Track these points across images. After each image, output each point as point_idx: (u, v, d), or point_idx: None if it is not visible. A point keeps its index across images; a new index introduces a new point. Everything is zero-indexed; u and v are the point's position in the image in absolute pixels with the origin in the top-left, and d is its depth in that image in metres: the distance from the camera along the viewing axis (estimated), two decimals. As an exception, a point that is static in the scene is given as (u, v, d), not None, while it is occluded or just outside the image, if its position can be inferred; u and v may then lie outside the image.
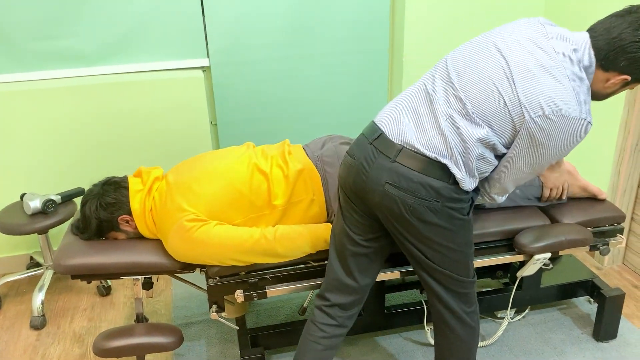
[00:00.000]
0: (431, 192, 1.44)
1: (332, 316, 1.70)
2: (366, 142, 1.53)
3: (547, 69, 1.36)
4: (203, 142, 2.71)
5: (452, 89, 1.45)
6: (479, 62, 1.44)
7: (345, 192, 1.59)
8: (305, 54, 2.70)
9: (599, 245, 1.99)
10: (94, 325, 2.36)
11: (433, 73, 1.52)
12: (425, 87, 1.50)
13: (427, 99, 1.48)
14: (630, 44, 1.35)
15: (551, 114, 1.35)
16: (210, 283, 1.80)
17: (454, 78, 1.46)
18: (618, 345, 2.15)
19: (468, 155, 1.42)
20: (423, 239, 1.51)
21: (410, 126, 1.46)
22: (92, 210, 1.83)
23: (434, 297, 1.64)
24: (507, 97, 1.38)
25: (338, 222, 1.65)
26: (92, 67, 2.53)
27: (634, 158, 2.44)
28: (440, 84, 1.48)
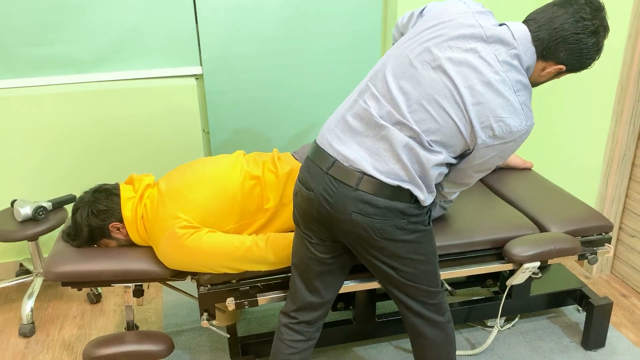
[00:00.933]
0: (397, 213, 1.45)
1: (300, 332, 1.70)
2: (321, 172, 1.47)
3: (493, 85, 1.36)
4: (195, 150, 2.71)
5: (401, 117, 1.40)
6: (425, 85, 1.39)
7: (307, 221, 1.55)
8: (298, 62, 2.72)
9: (587, 255, 2.01)
10: (83, 333, 2.35)
11: (372, 88, 1.45)
12: (369, 110, 1.43)
13: (374, 124, 1.42)
14: (572, 35, 1.36)
15: (501, 132, 1.39)
16: (201, 291, 1.80)
17: (402, 104, 1.40)
18: (606, 353, 2.17)
19: (427, 177, 1.44)
20: (394, 257, 1.51)
21: (363, 153, 1.43)
22: (83, 217, 1.83)
23: (407, 310, 1.64)
24: (460, 124, 1.38)
25: (300, 245, 1.61)
26: (85, 74, 2.53)
27: (621, 168, 2.47)
28: (387, 109, 1.42)
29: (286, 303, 1.73)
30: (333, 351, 2.21)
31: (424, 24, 1.46)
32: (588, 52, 1.39)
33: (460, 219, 2.00)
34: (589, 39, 1.37)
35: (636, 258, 2.52)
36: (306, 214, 1.53)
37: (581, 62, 1.41)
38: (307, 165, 1.52)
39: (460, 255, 1.92)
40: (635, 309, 2.44)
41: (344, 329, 2.07)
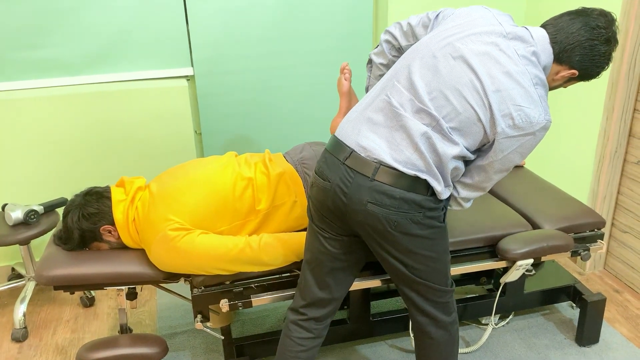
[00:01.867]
0: (413, 205, 1.45)
1: (308, 329, 1.70)
2: (337, 163, 1.48)
3: (513, 76, 1.39)
4: (187, 151, 2.70)
5: (421, 104, 1.42)
6: (445, 74, 1.42)
7: (322, 213, 1.56)
8: (290, 63, 2.71)
9: (580, 251, 2.01)
10: (77, 336, 2.34)
11: (395, 83, 1.48)
12: (389, 100, 1.46)
13: (394, 114, 1.44)
14: (587, 40, 1.43)
15: (520, 122, 1.40)
16: (194, 293, 1.79)
17: (422, 91, 1.43)
18: (600, 349, 2.18)
19: (444, 169, 1.45)
20: (406, 252, 1.51)
21: (381, 143, 1.44)
22: (74, 220, 1.81)
23: (415, 308, 1.64)
24: (480, 111, 1.40)
25: (313, 240, 1.62)
26: (75, 76, 2.52)
27: (613, 165, 2.48)
28: (407, 97, 1.44)
29: (294, 299, 1.72)
30: (328, 351, 2.20)
31: (448, 24, 1.50)
32: (600, 60, 1.45)
33: (453, 217, 2.00)
34: (602, 47, 1.44)
35: (628, 254, 2.53)
36: (322, 205, 1.53)
37: (592, 69, 1.47)
38: (325, 157, 1.54)
39: (454, 253, 1.92)
40: (628, 305, 2.45)
41: (338, 329, 2.07)
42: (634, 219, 2.47)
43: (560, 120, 2.75)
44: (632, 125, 2.42)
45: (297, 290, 1.71)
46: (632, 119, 2.42)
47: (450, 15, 1.54)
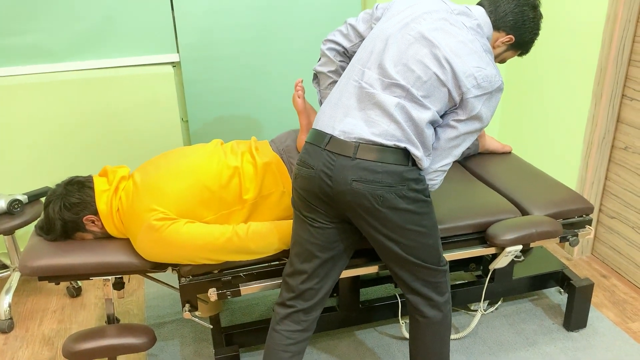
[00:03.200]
0: (396, 178, 1.48)
1: (297, 322, 1.68)
2: (318, 150, 1.52)
3: (467, 44, 1.52)
4: (174, 139, 2.66)
5: (388, 79, 1.50)
6: (406, 49, 1.51)
7: (310, 202, 1.57)
8: (278, 49, 2.68)
9: (569, 237, 2.02)
10: (64, 327, 2.31)
11: (360, 68, 1.55)
12: (359, 84, 1.53)
13: (365, 95, 1.51)
14: (516, 7, 1.61)
15: (483, 81, 1.51)
16: (182, 282, 1.78)
17: (389, 68, 1.50)
18: (587, 334, 2.19)
19: (421, 135, 1.50)
20: (396, 228, 1.53)
21: (358, 123, 1.49)
22: (55, 211, 1.78)
23: (407, 289, 1.66)
24: (442, 76, 1.49)
25: (302, 231, 1.62)
26: (59, 63, 2.46)
27: (601, 151, 2.49)
28: (374, 76, 1.51)
29: (281, 293, 1.70)
30: (318, 339, 2.20)
31: (393, 12, 1.61)
32: (530, 24, 1.63)
33: (442, 204, 1.99)
34: (530, 12, 1.62)
35: (616, 239, 2.54)
36: (308, 194, 1.55)
37: (525, 34, 1.64)
38: (306, 148, 1.57)
39: (443, 240, 1.92)
40: (615, 290, 2.47)
41: (328, 317, 2.06)
42: (621, 205, 2.48)
43: (548, 106, 2.74)
44: (621, 111, 2.42)
45: (283, 283, 1.70)
46: (620, 105, 2.42)
47: (393, 5, 1.64)
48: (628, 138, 2.40)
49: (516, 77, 2.95)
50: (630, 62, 2.34)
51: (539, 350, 2.11)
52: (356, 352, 2.13)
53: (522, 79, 2.90)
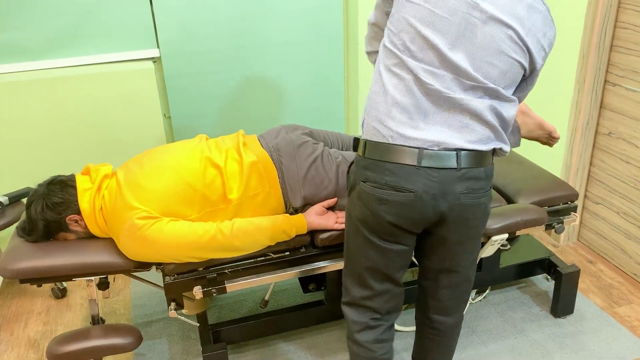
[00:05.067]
0: (491, 180, 1.42)
1: (388, 339, 1.58)
2: (412, 169, 1.32)
3: (534, 6, 1.34)
4: (157, 136, 2.63)
5: (469, 80, 1.31)
6: (483, 41, 1.30)
7: (402, 227, 1.39)
8: (259, 42, 2.65)
9: (554, 224, 2.02)
10: (49, 329, 2.28)
11: (425, 67, 1.32)
12: (432, 87, 1.31)
13: (445, 99, 1.31)
14: None
15: (548, 47, 1.40)
16: (166, 281, 1.76)
17: (466, 68, 1.30)
18: (575, 320, 2.20)
19: (508, 128, 1.42)
20: (475, 237, 1.45)
21: (448, 131, 1.33)
22: (37, 211, 1.75)
23: (449, 314, 1.58)
24: (522, 59, 1.35)
25: (378, 256, 1.44)
26: (35, 61, 2.41)
27: (585, 137, 2.49)
28: (449, 76, 1.31)
29: (358, 321, 1.54)
30: (306, 333, 2.19)
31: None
32: None
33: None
34: None
35: (601, 225, 2.56)
36: (403, 220, 1.37)
37: None
38: (385, 168, 1.34)
39: (429, 231, 1.91)
40: (601, 275, 2.48)
41: (316, 310, 2.05)
42: (606, 190, 2.49)
43: (532, 93, 2.74)
44: (603, 96, 2.43)
45: (361, 308, 1.53)
46: (603, 91, 2.42)
47: None
48: (611, 124, 2.41)
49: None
50: (612, 48, 2.34)
51: (528, 338, 2.12)
52: (345, 345, 2.12)
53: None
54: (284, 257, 1.83)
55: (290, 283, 2.47)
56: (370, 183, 1.37)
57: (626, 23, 2.25)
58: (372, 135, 1.37)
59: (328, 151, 1.87)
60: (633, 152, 2.32)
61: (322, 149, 1.87)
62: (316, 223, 1.79)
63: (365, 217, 1.40)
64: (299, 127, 1.99)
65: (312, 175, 1.82)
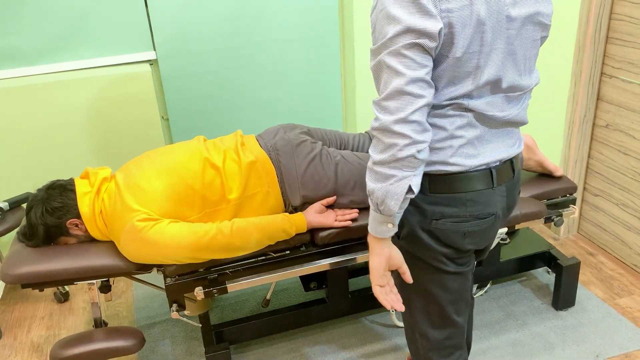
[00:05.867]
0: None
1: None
2: (488, 192, 1.26)
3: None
4: (155, 138, 2.63)
5: (520, 91, 1.25)
6: (522, 45, 1.21)
7: (479, 247, 1.35)
8: (255, 42, 2.65)
9: (553, 217, 2.03)
10: (52, 333, 2.29)
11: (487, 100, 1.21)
12: (493, 115, 1.22)
13: (493, 121, 1.24)
14: None
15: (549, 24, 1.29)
16: (168, 282, 1.76)
17: (516, 80, 1.23)
18: (576, 312, 2.21)
19: None
20: None
21: (501, 145, 1.28)
22: (37, 216, 1.76)
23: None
24: (547, 31, 1.28)
25: (457, 284, 1.37)
26: (32, 66, 2.42)
27: (583, 129, 2.50)
28: (503, 97, 1.23)
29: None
30: (308, 332, 2.20)
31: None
32: None
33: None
34: None
35: (601, 217, 2.56)
36: (483, 240, 1.32)
37: None
38: (465, 199, 1.24)
39: (428, 226, 1.92)
40: (602, 267, 2.49)
41: (318, 309, 2.06)
42: (604, 182, 2.50)
43: (529, 87, 2.75)
44: (600, 89, 2.43)
45: (442, 349, 1.44)
46: (599, 83, 2.42)
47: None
48: (609, 116, 2.41)
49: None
50: (608, 40, 2.34)
51: (529, 331, 2.13)
52: (348, 342, 2.13)
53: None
54: (285, 256, 1.83)
55: (292, 282, 2.48)
56: (467, 218, 1.26)
57: (621, 15, 2.25)
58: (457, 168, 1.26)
59: (327, 150, 1.87)
60: (631, 144, 2.32)
61: (320, 147, 1.87)
62: (316, 221, 1.79)
63: (445, 254, 1.31)
64: (297, 126, 2.00)
65: (311, 174, 1.82)
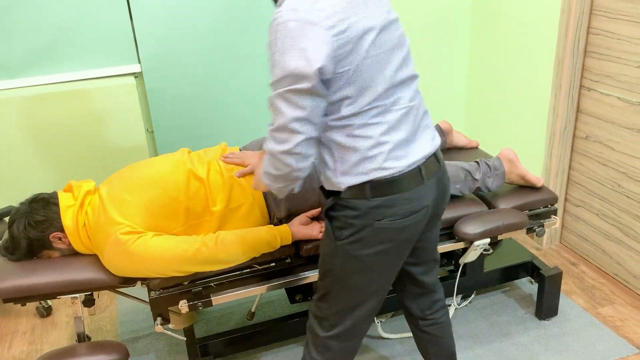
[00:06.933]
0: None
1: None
2: (422, 189, 1.39)
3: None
4: (140, 151, 2.63)
5: (405, 80, 1.38)
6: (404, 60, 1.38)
7: (414, 239, 1.46)
8: (239, 55, 2.67)
9: (535, 228, 2.05)
10: (35, 348, 2.26)
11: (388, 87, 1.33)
12: (403, 110, 1.36)
13: (409, 112, 1.38)
14: None
15: None
16: (152, 295, 1.75)
17: (395, 74, 1.35)
18: (559, 321, 2.23)
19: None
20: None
21: (422, 139, 1.41)
22: (20, 229, 1.74)
23: (437, 284, 1.69)
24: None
25: (393, 274, 1.50)
26: (14, 79, 2.41)
27: (563, 141, 2.54)
28: (407, 91, 1.39)
29: (353, 350, 1.58)
30: (295, 344, 2.19)
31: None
32: None
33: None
34: None
35: (582, 227, 2.60)
36: (418, 232, 1.45)
37: None
38: (403, 199, 1.37)
39: (412, 238, 1.93)
40: (584, 276, 2.52)
41: (303, 321, 2.06)
42: (585, 193, 2.54)
43: (510, 99, 2.79)
44: (580, 101, 2.48)
45: (354, 334, 1.55)
46: (579, 95, 2.47)
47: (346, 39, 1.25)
48: (588, 127, 2.46)
49: (478, 70, 2.99)
50: (586, 54, 2.39)
51: (513, 341, 2.15)
52: (333, 354, 2.13)
53: (484, 72, 2.95)
54: (270, 268, 1.84)
55: (277, 294, 2.47)
56: (401, 215, 1.38)
57: (598, 29, 2.31)
58: (385, 173, 1.37)
59: (312, 161, 1.88)
60: (610, 155, 2.37)
61: (304, 159, 1.88)
62: (301, 233, 1.80)
63: (394, 246, 1.42)
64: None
65: None
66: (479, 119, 3.06)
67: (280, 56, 1.22)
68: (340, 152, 1.34)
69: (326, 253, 1.46)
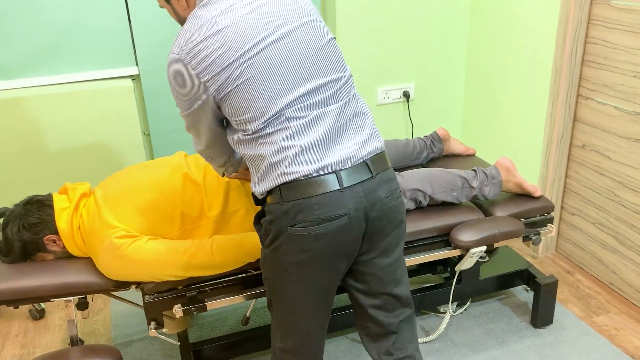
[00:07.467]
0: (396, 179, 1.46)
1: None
2: (336, 194, 1.31)
3: None
4: (136, 154, 2.62)
5: (331, 82, 1.37)
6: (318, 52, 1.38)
7: (345, 253, 1.38)
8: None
9: (531, 236, 2.05)
10: (27, 352, 2.24)
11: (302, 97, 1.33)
12: (315, 112, 1.35)
13: (323, 116, 1.35)
14: None
15: None
16: (146, 300, 1.74)
17: (322, 74, 1.36)
18: (554, 330, 2.23)
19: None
20: (404, 233, 1.49)
21: (347, 142, 1.35)
22: (14, 232, 1.73)
23: (408, 303, 1.53)
24: None
25: (326, 294, 1.43)
26: (13, 80, 2.40)
27: (560, 149, 2.54)
28: (324, 91, 1.36)
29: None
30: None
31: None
32: None
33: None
34: None
35: (578, 235, 2.60)
36: (344, 246, 1.36)
37: None
38: (313, 203, 1.31)
39: (408, 244, 1.93)
40: (579, 285, 2.52)
41: (298, 327, 2.05)
42: (581, 202, 2.54)
43: (509, 107, 2.79)
44: (577, 110, 2.48)
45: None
46: (576, 104, 2.48)
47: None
48: (585, 136, 2.46)
49: (476, 78, 3.00)
50: (584, 63, 2.40)
51: (508, 349, 2.14)
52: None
53: (481, 79, 2.95)
54: (265, 273, 1.83)
55: (272, 299, 2.46)
56: (310, 221, 1.32)
57: (596, 38, 2.31)
58: (295, 176, 1.33)
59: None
60: (606, 164, 2.37)
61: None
62: (296, 239, 1.79)
63: (316, 260, 1.36)
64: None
65: None
66: (476, 127, 3.07)
67: (173, 91, 1.44)
68: (254, 162, 1.37)
69: (261, 261, 1.46)
